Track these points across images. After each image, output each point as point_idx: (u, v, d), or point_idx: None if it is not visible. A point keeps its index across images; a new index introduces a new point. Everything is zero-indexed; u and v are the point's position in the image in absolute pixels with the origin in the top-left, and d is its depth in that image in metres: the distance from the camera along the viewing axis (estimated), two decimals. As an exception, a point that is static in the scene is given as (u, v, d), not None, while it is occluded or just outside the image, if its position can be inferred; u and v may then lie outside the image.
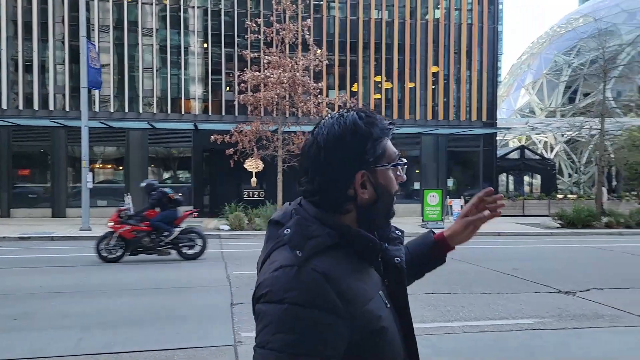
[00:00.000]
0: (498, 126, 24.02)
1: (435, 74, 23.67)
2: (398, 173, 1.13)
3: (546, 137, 35.62)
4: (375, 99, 23.33)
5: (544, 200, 22.65)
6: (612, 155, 23.73)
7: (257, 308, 1.00)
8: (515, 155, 25.61)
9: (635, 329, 5.80)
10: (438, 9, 24.20)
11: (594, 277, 8.65)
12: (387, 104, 23.48)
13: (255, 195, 18.60)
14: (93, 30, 20.41)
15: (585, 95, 39.68)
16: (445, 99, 23.73)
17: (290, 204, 1.15)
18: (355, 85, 23.10)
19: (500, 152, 24.86)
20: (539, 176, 26.00)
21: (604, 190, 21.51)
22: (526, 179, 26.54)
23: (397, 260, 1.15)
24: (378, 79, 23.37)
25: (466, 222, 1.35)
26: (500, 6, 24.25)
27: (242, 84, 16.78)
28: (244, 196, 18.33)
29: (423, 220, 17.73)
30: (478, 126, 23.22)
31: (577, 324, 5.87)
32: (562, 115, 36.95)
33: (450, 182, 23.31)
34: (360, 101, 22.06)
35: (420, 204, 18.37)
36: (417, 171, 23.37)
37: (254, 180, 17.74)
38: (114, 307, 6.50)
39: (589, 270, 9.59)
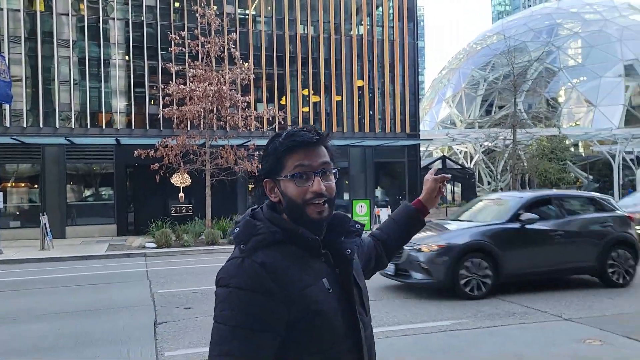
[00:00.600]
0: (421, 138, 25.07)
1: (360, 88, 24.38)
2: (308, 183, 1.26)
3: (466, 148, 37.58)
4: (303, 112, 23.62)
5: (466, 207, 23.83)
6: (524, 164, 25.49)
7: (215, 291, 1.22)
8: (437, 165, 26.84)
9: (541, 323, 6.27)
10: (361, 25, 25.01)
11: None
12: (316, 117, 23.85)
13: (183, 211, 18.15)
14: (2, 41, 19.19)
15: (500, 107, 42.40)
16: (371, 112, 24.47)
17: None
18: (284, 98, 23.28)
19: (424, 162, 25.98)
20: (460, 184, 27.39)
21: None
22: (448, 187, 27.85)
23: (348, 252, 1.32)
24: (306, 92, 23.71)
25: (433, 188, 1.74)
26: (421, 24, 25.44)
27: (167, 98, 16.41)
28: (172, 212, 17.82)
29: (352, 231, 18.02)
30: (402, 138, 24.11)
31: (491, 323, 6.25)
32: (480, 127, 39.22)
33: (377, 192, 23.99)
34: (289, 114, 22.25)
35: (350, 214, 18.72)
36: (347, 182, 23.84)
37: (181, 195, 17.32)
38: (30, 333, 6.11)
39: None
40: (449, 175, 1.79)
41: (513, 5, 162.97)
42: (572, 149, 35.96)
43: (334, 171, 1.32)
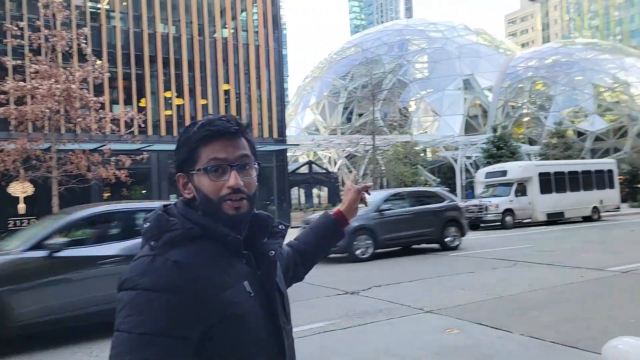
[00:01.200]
0: (288, 143, 25.42)
1: (227, 92, 23.94)
2: (224, 178, 1.15)
3: (330, 153, 39.02)
4: (166, 115, 22.47)
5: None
6: (382, 168, 27.18)
7: (117, 296, 1.06)
8: (304, 170, 27.41)
9: (407, 317, 6.59)
10: (226, 28, 24.60)
11: (374, 278, 9.63)
12: (180, 121, 22.82)
13: (24, 224, 16.00)
14: None
15: (360, 115, 44.90)
16: (238, 116, 23.99)
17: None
18: (143, 100, 21.90)
19: (291, 167, 26.33)
20: (326, 188, 28.29)
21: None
22: (315, 191, 28.62)
23: (272, 253, 1.21)
24: (168, 94, 22.59)
25: (355, 199, 1.65)
26: (284, 31, 25.83)
27: (2, 96, 14.37)
28: (9, 225, 15.62)
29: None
30: (270, 143, 24.20)
31: (362, 321, 6.40)
32: (342, 133, 41.04)
33: (245, 198, 23.68)
34: (149, 117, 20.97)
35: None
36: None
37: (21, 206, 15.28)
38: None
39: (371, 271, 10.67)
40: (371, 184, 1.74)
41: (368, 20, 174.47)
42: (422, 154, 39.33)
43: (254, 165, 1.21)
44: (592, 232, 17.53)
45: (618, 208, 24.45)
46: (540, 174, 21.34)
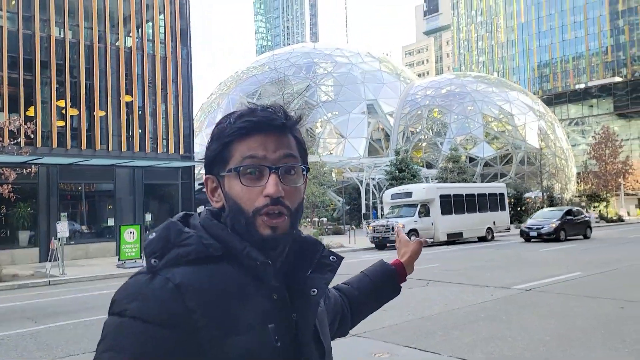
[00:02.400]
0: (196, 159, 24.42)
1: (129, 104, 22.52)
2: (260, 183, 0.90)
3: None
4: (58, 126, 20.57)
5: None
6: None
7: (104, 322, 0.87)
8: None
9: (334, 341, 6.37)
10: (130, 37, 23.29)
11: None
12: (74, 133, 21.01)
13: None
14: None
15: (267, 134, 44.68)
16: (140, 130, 22.76)
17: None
18: (32, 108, 19.90)
19: (197, 185, 25.28)
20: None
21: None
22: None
23: (314, 291, 0.94)
24: (61, 103, 20.74)
25: (417, 251, 1.40)
26: (190, 45, 25.01)
27: None
28: None
29: (119, 260, 16.25)
30: (176, 159, 23.06)
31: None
32: (249, 152, 40.47)
33: (148, 217, 22.27)
34: (39, 127, 19.09)
35: (116, 242, 16.83)
36: (110, 207, 21.53)
37: None
38: None
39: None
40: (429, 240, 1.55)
41: (274, 42, 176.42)
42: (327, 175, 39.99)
43: (302, 171, 0.95)
44: (490, 251, 18.72)
45: (509, 229, 26.50)
46: (441, 196, 22.51)
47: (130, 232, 16.46)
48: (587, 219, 25.09)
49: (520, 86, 62.20)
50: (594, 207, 43.61)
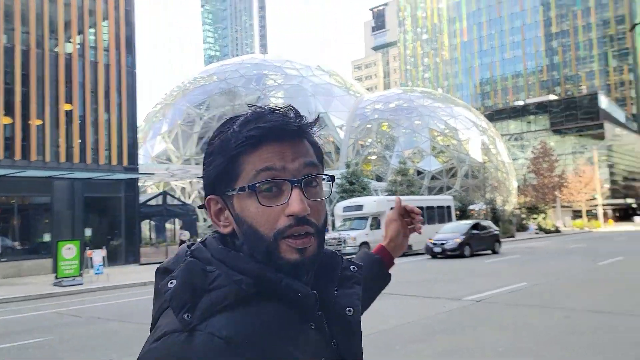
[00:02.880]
0: (140, 172, 23.52)
1: (68, 113, 21.43)
2: (282, 201, 0.76)
3: (183, 184, 37.23)
4: (-11, 135, 19.26)
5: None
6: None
7: None
8: (157, 201, 25.55)
9: None
10: (70, 42, 22.25)
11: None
12: (7, 142, 19.74)
13: None
14: None
15: (215, 146, 43.89)
16: (81, 141, 21.66)
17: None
18: (-40, 116, 18.56)
19: (140, 198, 24.32)
20: (182, 222, 26.60)
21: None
22: (168, 225, 26.78)
23: (349, 311, 0.83)
24: (-7, 111, 19.46)
25: (396, 231, 1.26)
26: (135, 53, 24.21)
27: None
28: None
29: (57, 278, 15.25)
30: (119, 171, 22.09)
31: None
32: (197, 164, 39.55)
33: (88, 232, 21.14)
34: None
35: (53, 259, 15.82)
36: (47, 221, 20.29)
37: None
38: None
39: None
40: (417, 210, 1.32)
41: (223, 52, 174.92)
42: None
43: (325, 179, 0.82)
44: (438, 263, 19.03)
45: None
46: (392, 209, 22.73)
47: (69, 248, 15.51)
48: (496, 232, 23.01)
49: (464, 102, 64.51)
50: (533, 218, 45.56)
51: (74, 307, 11.21)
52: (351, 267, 0.89)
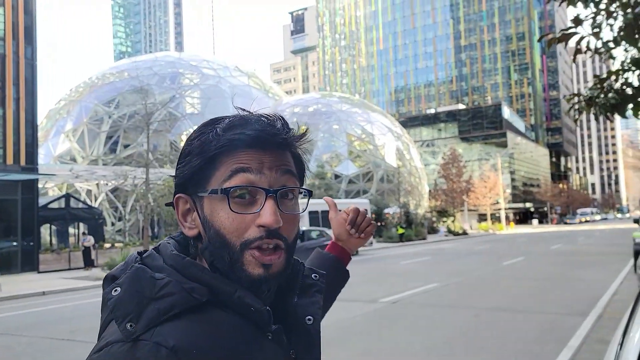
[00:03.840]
0: (40, 172, 21.64)
1: (-46, 106, 19.24)
2: (254, 210, 0.74)
3: (89, 186, 34.91)
4: None
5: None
6: (151, 202, 25.38)
7: None
8: (59, 204, 23.65)
9: None
10: (-41, 29, 20.05)
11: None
12: None
13: None
14: None
15: (126, 146, 41.66)
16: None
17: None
18: None
19: (40, 200, 22.38)
20: (87, 225, 24.83)
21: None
22: (71, 229, 24.88)
23: (309, 320, 0.81)
24: None
25: (339, 224, 1.18)
26: (36, 44, 22.31)
27: None
28: None
29: (-64, 290, 13.56)
30: (16, 171, 20.14)
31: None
32: (105, 164, 37.29)
33: (-23, 238, 19.05)
34: None
35: None
36: None
37: None
38: None
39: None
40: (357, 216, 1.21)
41: (135, 48, 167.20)
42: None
43: (301, 193, 0.81)
44: (355, 266, 19.29)
45: (371, 243, 27.71)
46: (310, 212, 22.80)
47: (-48, 257, 13.86)
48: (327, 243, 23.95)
49: (380, 108, 66.57)
50: (443, 221, 47.91)
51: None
52: (313, 275, 0.86)
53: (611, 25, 5.72)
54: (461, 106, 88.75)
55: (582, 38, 5.69)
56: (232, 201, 0.73)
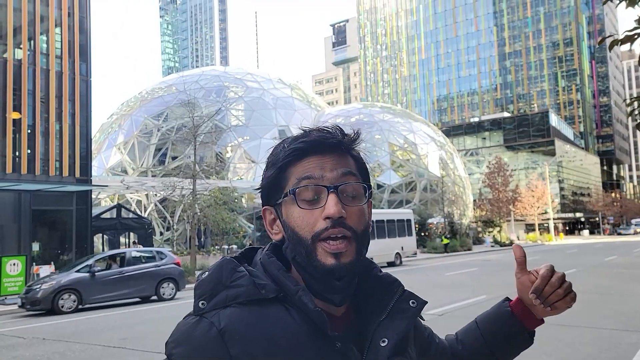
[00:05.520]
0: (93, 184, 22.61)
1: (16, 122, 20.42)
2: (319, 205, 0.82)
3: (139, 196, 36.10)
4: None
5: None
6: (198, 213, 25.98)
7: None
8: (111, 214, 24.58)
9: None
10: (20, 48, 21.30)
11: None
12: (-53, 151, 18.58)
13: None
14: None
15: (174, 158, 42.91)
16: (30, 151, 20.64)
17: None
18: None
19: (94, 211, 23.33)
20: (137, 235, 25.66)
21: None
22: (122, 239, 25.78)
23: (383, 342, 0.84)
24: None
25: (522, 284, 1.03)
26: (90, 61, 23.42)
27: None
28: None
29: (0, 295, 14.33)
30: (71, 182, 21.13)
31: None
32: (154, 176, 38.51)
33: (35, 247, 20.04)
34: None
35: (-4, 276, 14.82)
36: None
37: None
38: None
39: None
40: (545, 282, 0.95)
41: (182, 63, 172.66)
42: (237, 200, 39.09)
43: (365, 191, 0.86)
44: (401, 277, 18.99)
45: (415, 254, 27.32)
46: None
47: (14, 264, 14.64)
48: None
49: (422, 117, 65.88)
50: (489, 232, 46.67)
51: (16, 327, 10.50)
52: (410, 302, 0.90)
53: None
54: (506, 114, 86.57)
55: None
56: (300, 201, 0.82)
